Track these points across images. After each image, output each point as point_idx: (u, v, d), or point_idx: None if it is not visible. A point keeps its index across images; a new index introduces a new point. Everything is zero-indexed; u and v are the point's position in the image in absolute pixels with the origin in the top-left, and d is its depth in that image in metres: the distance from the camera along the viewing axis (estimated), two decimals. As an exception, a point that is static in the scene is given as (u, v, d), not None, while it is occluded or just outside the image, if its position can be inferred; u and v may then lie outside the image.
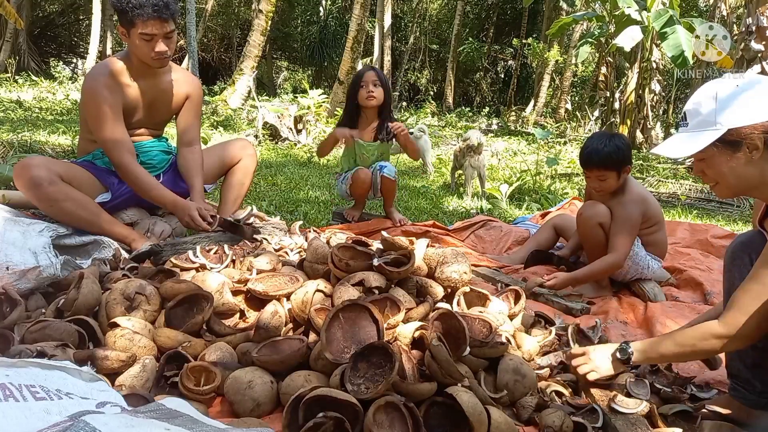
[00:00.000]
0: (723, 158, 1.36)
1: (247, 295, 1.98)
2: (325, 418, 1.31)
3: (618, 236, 2.48)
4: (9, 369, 1.15)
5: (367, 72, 3.30)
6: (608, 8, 10.06)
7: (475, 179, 5.32)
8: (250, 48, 11.49)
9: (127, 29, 2.41)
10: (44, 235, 2.17)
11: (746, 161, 1.34)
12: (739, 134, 1.33)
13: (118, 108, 2.51)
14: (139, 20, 2.36)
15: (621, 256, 2.48)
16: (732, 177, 1.38)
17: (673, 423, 1.55)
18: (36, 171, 2.36)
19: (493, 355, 1.66)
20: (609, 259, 2.49)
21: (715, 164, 1.38)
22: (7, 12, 6.93)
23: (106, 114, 2.47)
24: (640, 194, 2.55)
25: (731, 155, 1.35)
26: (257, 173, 4.84)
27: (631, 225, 2.49)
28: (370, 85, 3.23)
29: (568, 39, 17.59)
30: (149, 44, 2.42)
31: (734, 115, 1.33)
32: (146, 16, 2.35)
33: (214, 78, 21.64)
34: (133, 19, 2.36)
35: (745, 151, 1.33)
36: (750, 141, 1.32)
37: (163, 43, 2.43)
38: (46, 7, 21.82)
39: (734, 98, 1.34)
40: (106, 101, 2.47)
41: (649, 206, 2.56)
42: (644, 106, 10.08)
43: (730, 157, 1.36)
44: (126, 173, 2.52)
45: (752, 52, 8.03)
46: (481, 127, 13.96)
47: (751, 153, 1.33)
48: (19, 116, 7.79)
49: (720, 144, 1.35)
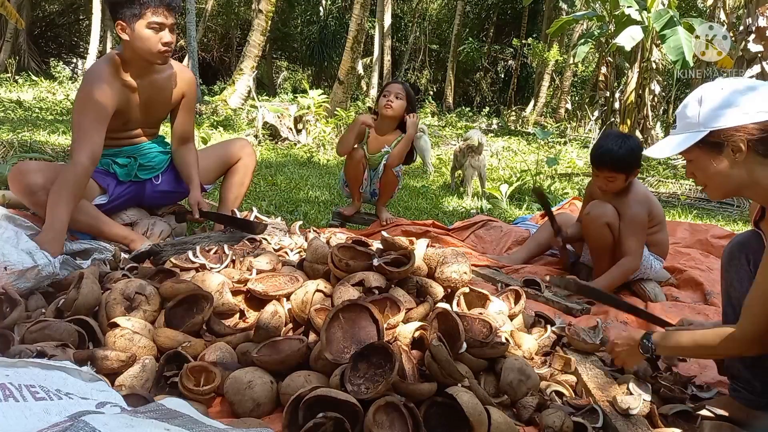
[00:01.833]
0: (708, 160, 1.40)
1: (247, 295, 1.98)
2: (325, 418, 1.31)
3: (630, 238, 2.48)
4: (9, 369, 1.15)
5: (394, 83, 3.35)
6: (608, 8, 10.06)
7: (475, 179, 5.32)
8: (250, 48, 11.49)
9: (131, 22, 2.36)
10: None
11: (730, 163, 1.37)
12: (721, 136, 1.36)
13: (107, 111, 2.43)
14: (150, 8, 2.33)
15: (637, 258, 2.49)
16: (718, 178, 1.41)
17: (673, 423, 1.55)
18: (31, 177, 2.34)
19: (493, 355, 1.66)
20: (626, 263, 2.49)
21: (702, 166, 1.42)
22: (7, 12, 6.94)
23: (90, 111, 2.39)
24: (645, 194, 2.55)
25: (715, 157, 1.38)
26: (257, 173, 4.84)
27: (641, 225, 2.49)
28: (392, 95, 3.24)
29: (568, 39, 17.60)
30: (157, 35, 2.38)
31: (717, 117, 1.36)
32: (156, 3, 2.34)
33: (214, 78, 21.62)
34: (142, 9, 2.33)
35: (729, 152, 1.36)
36: (732, 143, 1.35)
37: (168, 33, 2.41)
38: (46, 7, 21.83)
39: (718, 101, 1.37)
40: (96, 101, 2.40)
41: (653, 206, 2.56)
42: (644, 106, 10.08)
43: (714, 159, 1.39)
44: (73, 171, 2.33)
45: (751, 53, 8.04)
46: (481, 127, 13.95)
47: (735, 155, 1.36)
48: (19, 116, 7.79)
49: (704, 146, 1.39)
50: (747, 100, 1.34)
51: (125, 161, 2.69)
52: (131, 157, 2.70)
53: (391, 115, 3.26)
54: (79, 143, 2.37)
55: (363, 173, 3.33)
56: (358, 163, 3.28)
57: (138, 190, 2.74)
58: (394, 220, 3.44)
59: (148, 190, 2.79)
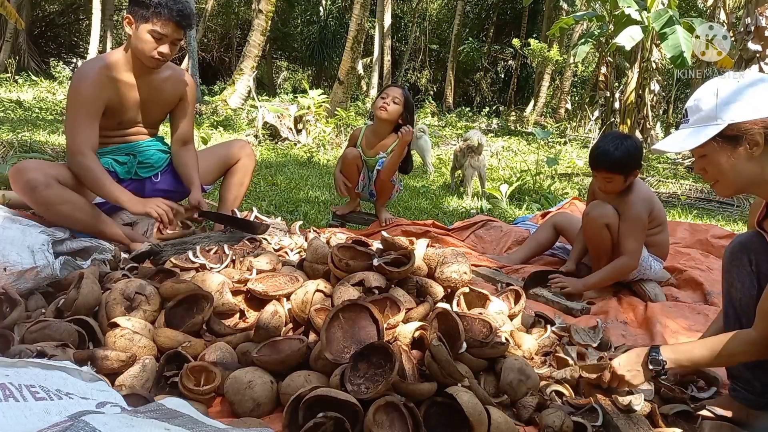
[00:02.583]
0: (723, 154, 1.36)
1: (247, 295, 1.98)
2: (325, 418, 1.31)
3: (629, 238, 2.48)
4: (9, 369, 1.15)
5: (395, 87, 3.30)
6: (608, 8, 10.06)
7: (475, 179, 5.32)
8: (250, 48, 11.49)
9: (139, 22, 2.38)
10: (43, 234, 2.17)
11: (747, 157, 1.34)
12: (740, 129, 1.33)
13: (98, 105, 2.45)
14: (158, 19, 2.35)
15: (634, 258, 2.48)
16: (732, 173, 1.37)
17: (673, 423, 1.55)
18: (31, 175, 2.34)
19: (493, 355, 1.66)
20: (622, 262, 2.49)
21: (715, 160, 1.38)
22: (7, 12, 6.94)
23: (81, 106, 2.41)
24: (647, 195, 2.55)
25: (732, 151, 1.35)
26: (257, 173, 4.84)
27: (641, 226, 2.49)
28: (389, 98, 3.21)
29: (568, 39, 17.60)
30: (155, 43, 2.40)
31: (735, 110, 1.33)
32: (166, 17, 2.35)
33: (214, 78, 21.63)
34: (151, 16, 2.34)
35: (746, 146, 1.33)
36: (750, 136, 1.32)
37: (168, 46, 2.43)
38: (46, 7, 21.81)
39: (735, 94, 1.34)
40: (86, 95, 2.42)
41: (655, 207, 2.56)
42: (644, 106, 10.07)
43: (730, 153, 1.35)
44: (78, 162, 2.41)
45: (750, 52, 8.03)
46: (481, 127, 13.96)
47: (752, 149, 1.33)
48: (19, 116, 7.79)
49: (720, 139, 1.35)
50: (763, 93, 1.32)
51: (125, 159, 2.70)
52: (130, 155, 2.71)
53: (385, 118, 3.24)
54: (74, 140, 2.41)
55: (359, 174, 3.33)
56: (353, 163, 3.27)
57: (138, 188, 2.75)
58: (394, 220, 3.44)
59: (147, 189, 2.79)
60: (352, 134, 3.51)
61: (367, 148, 3.36)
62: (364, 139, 3.38)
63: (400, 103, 3.21)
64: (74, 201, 2.41)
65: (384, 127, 3.30)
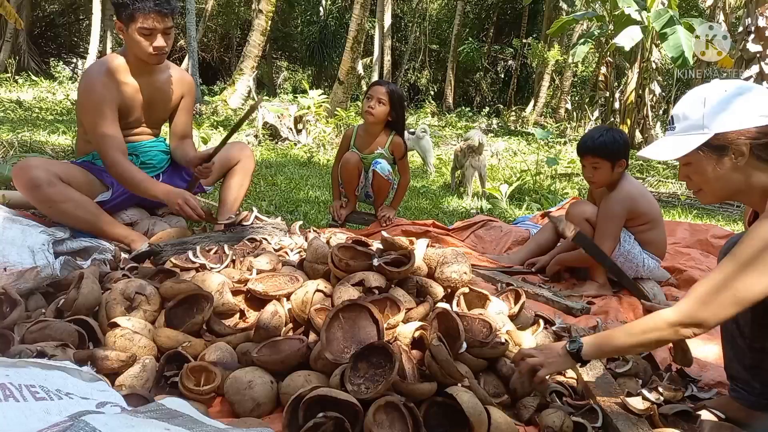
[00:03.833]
0: (709, 163, 1.36)
1: (247, 295, 1.98)
2: (325, 418, 1.31)
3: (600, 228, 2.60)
4: (9, 369, 1.15)
5: (377, 86, 3.24)
6: (608, 8, 10.07)
7: (475, 179, 5.32)
8: (250, 48, 11.48)
9: (126, 24, 2.41)
10: (43, 234, 2.17)
11: (732, 167, 1.34)
12: (726, 139, 1.32)
13: (113, 106, 2.50)
14: (140, 14, 2.36)
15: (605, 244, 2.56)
16: (717, 182, 1.37)
17: (673, 423, 1.55)
18: (34, 172, 2.35)
19: (494, 356, 1.66)
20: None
21: (701, 169, 1.38)
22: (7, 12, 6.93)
23: (101, 111, 2.46)
24: (629, 192, 2.60)
25: (717, 160, 1.35)
26: (257, 173, 4.84)
27: (612, 217, 2.58)
28: (374, 100, 3.18)
29: (568, 39, 17.58)
30: (148, 39, 2.42)
31: (721, 120, 1.33)
32: (147, 10, 2.36)
33: (214, 78, 21.62)
34: (133, 13, 2.36)
35: (731, 156, 1.33)
36: (736, 147, 1.32)
37: (161, 38, 2.43)
38: (46, 7, 21.81)
39: (722, 103, 1.34)
40: (102, 98, 2.46)
41: (639, 204, 2.61)
42: (644, 106, 10.09)
43: (715, 163, 1.35)
44: (115, 167, 2.48)
45: (750, 53, 8.03)
46: (481, 127, 13.94)
47: (737, 159, 1.33)
48: (19, 116, 7.79)
49: (706, 149, 1.35)
50: (749, 103, 1.31)
51: (129, 159, 2.70)
52: (133, 155, 2.72)
53: (372, 122, 3.24)
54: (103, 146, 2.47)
55: (359, 177, 3.34)
56: (354, 168, 3.28)
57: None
58: (394, 219, 3.44)
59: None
60: (344, 134, 3.51)
61: (362, 147, 3.36)
62: (357, 139, 3.38)
63: (386, 103, 3.18)
64: (76, 199, 2.42)
65: (375, 127, 3.31)
